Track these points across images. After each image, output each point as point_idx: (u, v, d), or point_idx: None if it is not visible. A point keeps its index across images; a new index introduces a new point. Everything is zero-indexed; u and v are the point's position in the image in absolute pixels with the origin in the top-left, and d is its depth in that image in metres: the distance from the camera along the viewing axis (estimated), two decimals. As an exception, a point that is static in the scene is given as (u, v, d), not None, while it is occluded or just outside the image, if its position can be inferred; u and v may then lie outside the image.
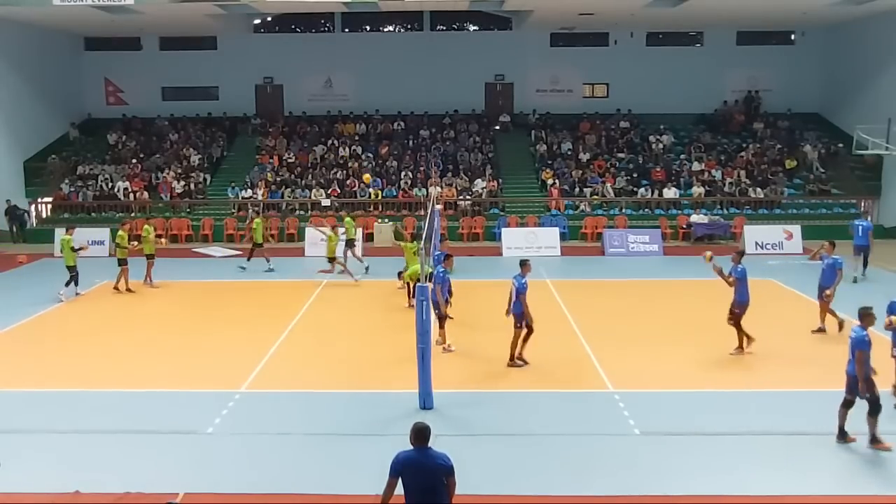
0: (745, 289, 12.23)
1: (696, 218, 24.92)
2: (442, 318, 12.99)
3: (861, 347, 8.58)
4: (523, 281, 11.75)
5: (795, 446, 8.99)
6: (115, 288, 17.63)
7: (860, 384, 8.68)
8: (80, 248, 17.13)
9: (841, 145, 28.59)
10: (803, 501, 7.70)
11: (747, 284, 12.27)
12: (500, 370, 11.88)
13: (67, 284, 16.79)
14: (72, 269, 16.82)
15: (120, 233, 18.05)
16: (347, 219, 20.79)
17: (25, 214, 26.42)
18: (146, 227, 19.08)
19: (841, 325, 13.14)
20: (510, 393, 10.88)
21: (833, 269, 13.33)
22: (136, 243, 18.40)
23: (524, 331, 11.76)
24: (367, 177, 21.00)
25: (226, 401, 10.49)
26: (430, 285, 11.82)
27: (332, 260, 18.79)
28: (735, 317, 12.30)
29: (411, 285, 15.22)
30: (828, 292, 13.23)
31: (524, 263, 12.08)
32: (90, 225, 24.71)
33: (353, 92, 31.98)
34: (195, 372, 11.92)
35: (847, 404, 8.90)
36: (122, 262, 17.60)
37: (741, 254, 12.87)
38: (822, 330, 13.58)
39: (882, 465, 8.54)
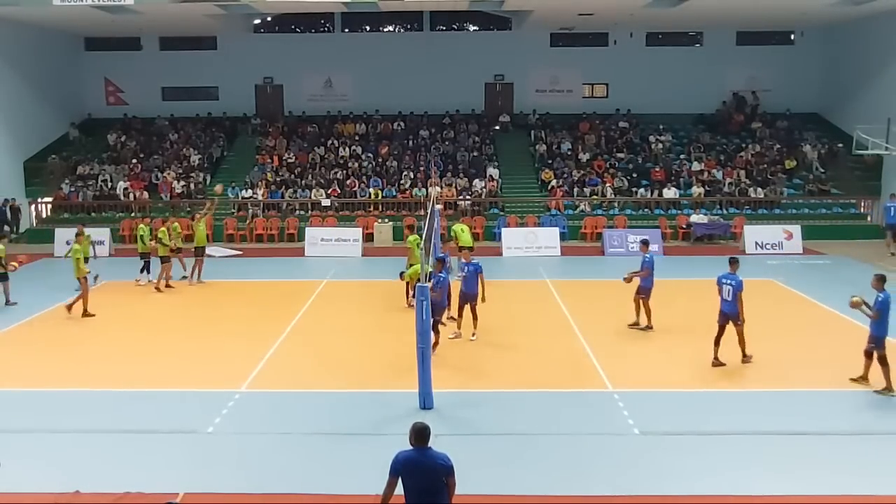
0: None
1: (696, 218, 24.92)
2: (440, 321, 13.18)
3: None
4: (740, 279, 11.87)
5: (795, 446, 9.00)
6: (167, 285, 17.93)
7: None
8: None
9: (841, 145, 28.58)
10: (803, 501, 7.71)
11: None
12: (499, 370, 11.89)
13: (142, 271, 18.47)
14: (145, 256, 18.44)
15: (162, 229, 18.25)
16: (175, 224, 19.25)
17: (19, 213, 26.42)
18: (199, 225, 19.15)
19: (641, 324, 14.11)
20: (510, 393, 10.88)
21: (650, 264, 14.12)
22: (175, 242, 18.64)
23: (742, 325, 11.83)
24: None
25: (226, 401, 10.49)
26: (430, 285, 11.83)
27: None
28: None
29: (411, 285, 15.22)
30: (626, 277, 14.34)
31: (735, 261, 12.18)
32: (90, 225, 24.69)
33: (353, 92, 31.97)
34: (195, 372, 11.92)
35: None
36: (164, 260, 17.89)
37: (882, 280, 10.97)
38: (637, 324, 14.19)
39: (882, 464, 8.55)
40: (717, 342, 11.90)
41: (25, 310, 15.81)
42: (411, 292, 15.11)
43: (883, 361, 10.62)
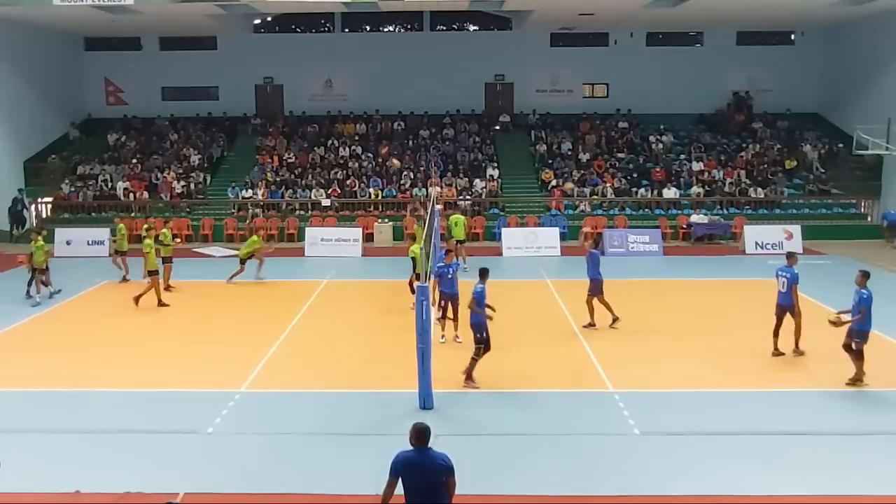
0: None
1: (696, 218, 24.92)
2: (455, 311, 13.17)
3: None
4: (796, 272, 12.17)
5: (795, 446, 8.99)
6: (167, 287, 17.65)
7: None
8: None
9: (841, 145, 28.58)
10: (803, 501, 7.70)
11: None
12: (500, 370, 11.87)
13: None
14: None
15: (164, 231, 18.16)
16: (120, 225, 19.18)
17: (24, 212, 26.43)
18: (255, 237, 19.11)
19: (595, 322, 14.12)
20: (510, 393, 10.88)
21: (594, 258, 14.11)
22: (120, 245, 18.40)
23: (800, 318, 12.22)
24: None
25: (226, 401, 10.49)
26: (430, 284, 11.82)
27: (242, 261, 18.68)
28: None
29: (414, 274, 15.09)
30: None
31: (792, 255, 12.53)
32: (90, 225, 24.75)
33: (353, 92, 31.97)
34: (195, 372, 11.92)
35: None
36: (166, 261, 17.70)
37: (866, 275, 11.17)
38: (592, 325, 14.13)
39: (881, 464, 8.55)
40: (775, 333, 12.29)
41: (26, 309, 15.80)
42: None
43: (860, 355, 10.90)
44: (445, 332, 13.32)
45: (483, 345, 11.07)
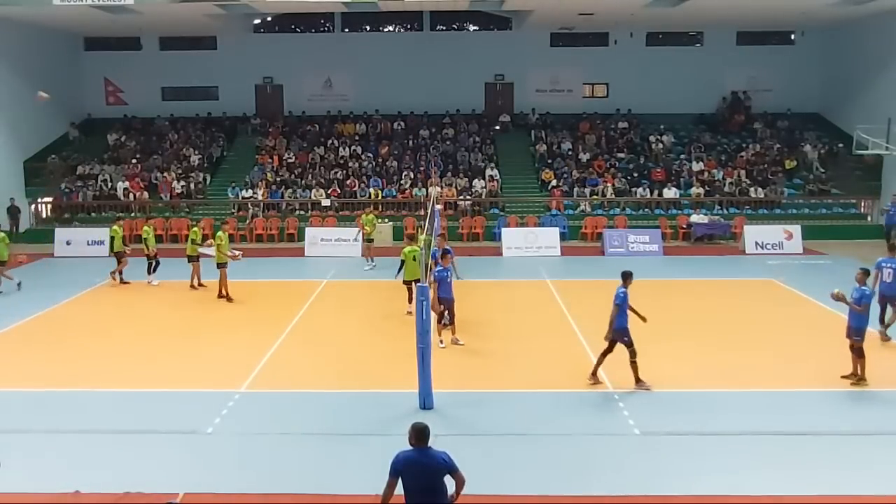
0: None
1: (696, 218, 24.91)
2: (451, 316, 13.02)
3: None
4: None
5: (795, 446, 8.99)
6: (200, 284, 17.94)
7: None
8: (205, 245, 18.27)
9: (841, 145, 28.60)
10: (803, 501, 7.70)
11: None
12: (499, 370, 11.88)
13: (149, 272, 18.57)
14: (151, 258, 18.59)
15: (195, 229, 18.33)
16: (2, 236, 17.81)
17: (19, 213, 26.43)
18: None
19: None
20: (510, 393, 10.88)
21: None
22: (210, 241, 18.35)
23: None
24: None
25: (226, 401, 10.49)
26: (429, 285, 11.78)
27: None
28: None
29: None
30: None
31: (894, 246, 13.01)
32: (90, 225, 24.74)
33: (353, 92, 31.98)
34: (195, 372, 11.92)
35: None
36: (193, 259, 17.90)
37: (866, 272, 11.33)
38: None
39: (882, 465, 8.55)
40: (881, 320, 12.75)
41: (26, 309, 15.80)
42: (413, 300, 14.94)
43: (860, 353, 10.94)
44: (443, 338, 13.18)
45: (632, 346, 10.84)
